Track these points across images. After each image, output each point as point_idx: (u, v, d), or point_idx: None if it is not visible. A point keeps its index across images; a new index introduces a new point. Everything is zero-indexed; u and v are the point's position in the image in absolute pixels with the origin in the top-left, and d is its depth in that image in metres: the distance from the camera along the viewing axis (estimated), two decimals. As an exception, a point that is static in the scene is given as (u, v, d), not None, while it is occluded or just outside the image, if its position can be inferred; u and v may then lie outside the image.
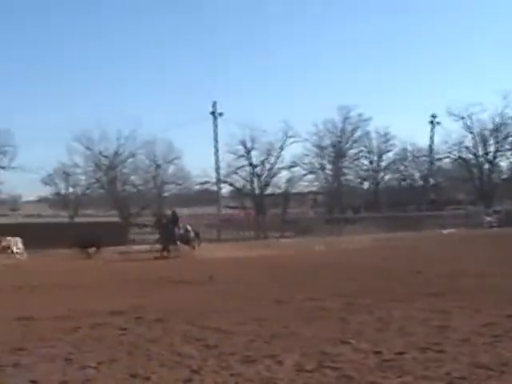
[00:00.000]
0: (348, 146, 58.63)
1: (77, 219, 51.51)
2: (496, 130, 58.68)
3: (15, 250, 29.15)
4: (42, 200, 62.72)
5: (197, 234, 32.10)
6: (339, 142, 57.83)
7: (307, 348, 8.37)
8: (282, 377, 7.02)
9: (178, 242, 30.61)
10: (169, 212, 34.47)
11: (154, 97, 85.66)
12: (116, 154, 53.40)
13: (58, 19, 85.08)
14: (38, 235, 30.54)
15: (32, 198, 63.26)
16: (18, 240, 29.75)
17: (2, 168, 50.58)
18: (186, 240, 31.02)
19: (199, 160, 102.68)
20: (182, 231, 31.07)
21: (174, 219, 31.73)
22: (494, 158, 59.49)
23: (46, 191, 57.48)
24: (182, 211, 57.95)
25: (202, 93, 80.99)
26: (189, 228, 31.67)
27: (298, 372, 7.22)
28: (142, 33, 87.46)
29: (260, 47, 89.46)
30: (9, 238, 29.47)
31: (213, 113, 48.89)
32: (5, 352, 8.65)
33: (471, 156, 59.74)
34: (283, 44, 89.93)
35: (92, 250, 30.33)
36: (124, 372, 7.41)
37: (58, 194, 55.54)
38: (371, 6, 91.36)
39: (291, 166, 56.18)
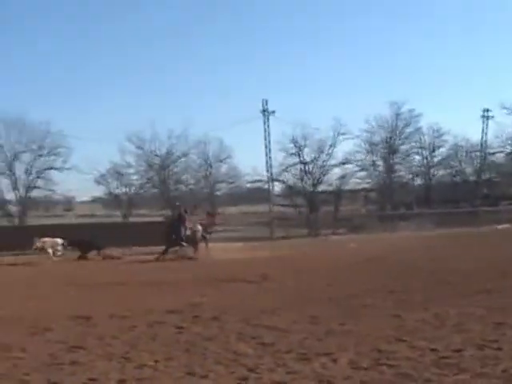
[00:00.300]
0: (400, 142, 57.99)
1: (130, 219, 51.87)
2: (550, 122, 57.34)
3: (52, 251, 28.81)
4: (95, 200, 63.29)
5: (204, 236, 28.60)
6: (391, 138, 57.23)
7: (362, 345, 8.37)
8: (337, 374, 7.04)
9: (184, 244, 27.72)
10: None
11: (206, 96, 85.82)
12: (168, 153, 53.75)
13: (110, 20, 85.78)
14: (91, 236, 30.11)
15: (86, 198, 63.86)
16: (58, 241, 29.53)
17: (56, 169, 51.30)
18: (193, 241, 27.85)
19: (249, 158, 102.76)
20: (188, 232, 27.83)
21: (181, 217, 28.50)
22: (548, 151, 58.20)
23: (100, 191, 57.97)
24: (233, 209, 58.50)
25: (253, 91, 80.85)
26: (199, 228, 28.44)
27: (353, 369, 7.24)
28: (194, 34, 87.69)
29: (311, 45, 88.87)
30: (45, 239, 28.68)
31: (264, 111, 48.71)
32: (63, 350, 8.83)
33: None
34: (334, 42, 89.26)
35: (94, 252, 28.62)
36: (181, 370, 7.51)
37: (110, 193, 55.99)
38: (417, 4, 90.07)
39: (343, 163, 55.72)
